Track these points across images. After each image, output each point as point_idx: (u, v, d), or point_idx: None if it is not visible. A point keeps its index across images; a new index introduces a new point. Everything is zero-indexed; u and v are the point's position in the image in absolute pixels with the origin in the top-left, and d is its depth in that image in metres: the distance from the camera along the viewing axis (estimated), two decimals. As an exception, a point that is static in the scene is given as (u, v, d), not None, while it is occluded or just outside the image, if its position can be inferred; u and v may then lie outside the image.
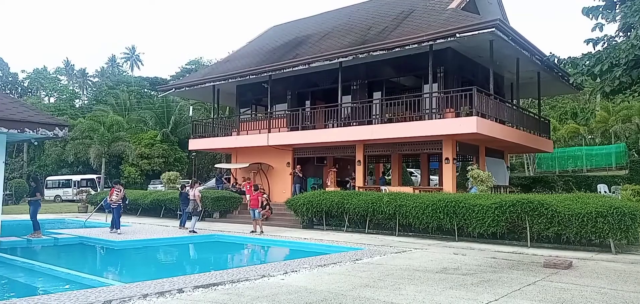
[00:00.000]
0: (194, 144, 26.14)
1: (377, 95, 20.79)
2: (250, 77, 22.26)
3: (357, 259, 10.15)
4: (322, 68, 20.22)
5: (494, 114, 18.07)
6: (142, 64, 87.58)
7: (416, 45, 17.12)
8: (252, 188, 17.60)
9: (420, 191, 18.00)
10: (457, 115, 17.00)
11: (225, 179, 26.31)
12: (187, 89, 26.08)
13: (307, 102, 23.36)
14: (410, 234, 15.11)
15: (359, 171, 20.10)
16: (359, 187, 19.53)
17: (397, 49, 17.62)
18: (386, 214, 15.14)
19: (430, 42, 16.86)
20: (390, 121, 18.74)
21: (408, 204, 14.68)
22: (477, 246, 12.82)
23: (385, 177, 27.04)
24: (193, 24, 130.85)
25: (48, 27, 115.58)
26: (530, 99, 33.21)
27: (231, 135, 24.29)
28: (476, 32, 15.91)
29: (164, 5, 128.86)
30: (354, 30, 21.84)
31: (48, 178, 45.56)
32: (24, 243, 13.50)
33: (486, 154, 20.59)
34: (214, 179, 28.43)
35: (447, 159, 17.96)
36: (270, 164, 23.31)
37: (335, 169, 21.30)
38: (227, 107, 34.62)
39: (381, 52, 17.98)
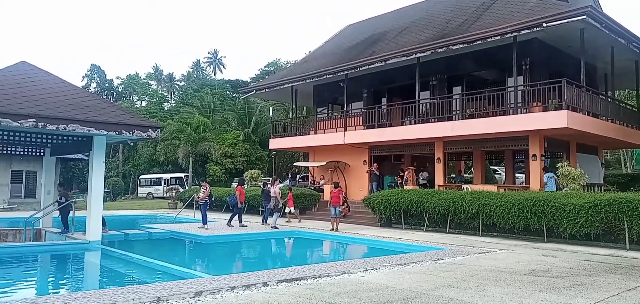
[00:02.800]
0: (274, 143, 26.87)
1: (457, 90, 20.17)
2: (327, 76, 22.50)
3: (438, 259, 9.94)
4: (399, 64, 19.97)
5: (586, 107, 16.86)
6: (224, 67, 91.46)
7: (499, 37, 16.41)
8: (333, 186, 17.79)
9: (505, 189, 17.24)
10: (545, 109, 16.07)
11: (301, 178, 26.82)
12: (267, 90, 26.88)
13: (384, 100, 23.20)
14: (494, 234, 14.53)
15: (439, 169, 19.62)
16: (439, 185, 19.07)
17: (478, 42, 16.99)
18: (468, 214, 14.68)
19: (515, 34, 16.08)
20: (471, 116, 18.11)
21: (492, 203, 14.13)
22: (569, 247, 12.06)
23: (463, 175, 26.16)
24: (271, 26, 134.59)
25: (139, 35, 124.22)
26: (627, 90, 30.55)
27: (309, 134, 24.71)
28: (565, 21, 14.93)
29: (244, 10, 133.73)
30: (432, 24, 21.34)
31: (141, 176, 49.03)
32: (122, 236, 14.64)
33: (578, 150, 19.28)
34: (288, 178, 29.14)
35: (534, 155, 17.04)
36: (347, 162, 23.43)
37: (413, 167, 20.94)
38: (305, 107, 35.26)
39: (461, 45, 17.43)
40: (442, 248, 11.73)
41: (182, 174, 43.82)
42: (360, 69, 20.88)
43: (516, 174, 24.83)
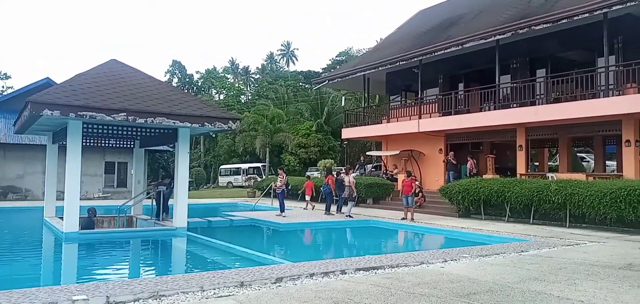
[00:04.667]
0: (347, 133, 26.90)
1: (540, 73, 19.06)
2: (400, 63, 22.13)
3: (522, 251, 9.50)
4: (477, 48, 19.20)
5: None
6: (296, 59, 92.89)
7: (587, 14, 15.26)
8: (405, 175, 17.57)
9: (594, 177, 16.10)
10: (641, 90, 14.78)
11: (374, 167, 26.64)
12: (339, 80, 26.94)
13: (460, 85, 22.42)
14: (583, 225, 13.63)
15: (521, 156, 18.69)
16: (521, 174, 18.18)
17: (564, 21, 15.92)
18: (554, 204, 13.87)
19: (605, 10, 14.89)
20: (557, 100, 17.05)
21: (581, 192, 13.24)
22: (671, 241, 11.04)
23: (535, 163, 24.71)
24: (342, 16, 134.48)
25: (216, 30, 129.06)
26: None
27: (381, 123, 24.48)
28: (666, -8, 13.60)
29: (316, 1, 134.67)
30: (512, 4, 20.28)
31: (221, 167, 51.18)
32: (206, 223, 15.38)
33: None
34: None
35: (628, 141, 15.75)
36: (422, 151, 22.96)
37: (493, 156, 20.09)
38: (377, 95, 34.97)
39: (545, 25, 16.43)
40: (526, 240, 11.20)
41: (259, 164, 45.19)
42: (436, 54, 20.31)
43: (607, 162, 23.12)
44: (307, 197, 20.74)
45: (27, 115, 11.54)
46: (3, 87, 49.62)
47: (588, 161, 29.60)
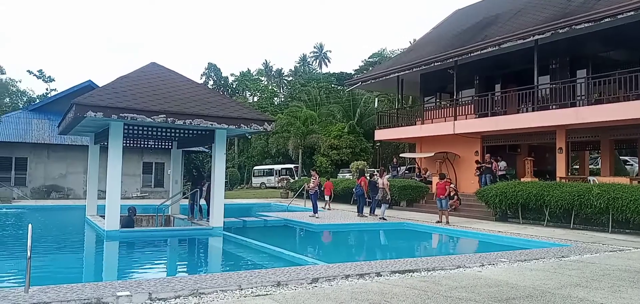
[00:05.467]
0: (380, 134, 26.75)
1: (581, 73, 18.47)
2: (435, 64, 21.86)
3: (563, 256, 9.25)
4: (515, 48, 18.78)
5: None
6: (329, 61, 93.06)
7: (632, 12, 14.69)
8: (439, 177, 17.35)
9: (638, 182, 15.50)
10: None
11: (407, 169, 26.41)
12: (372, 81, 26.83)
13: (497, 86, 21.96)
14: (627, 231, 13.15)
15: (561, 159, 18.17)
16: (560, 177, 17.68)
17: (607, 20, 15.39)
18: (596, 208, 13.42)
19: (652, 7, 14.31)
20: (599, 101, 16.50)
21: (625, 197, 12.78)
22: None
23: (575, 166, 23.94)
24: (375, 17, 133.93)
25: (250, 33, 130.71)
26: None
27: (415, 124, 24.24)
28: None
29: (348, 2, 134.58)
30: (551, 3, 19.74)
31: (254, 167, 51.79)
32: (241, 223, 15.61)
33: None
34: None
35: (676, 144, 15.09)
36: (457, 153, 22.62)
37: (532, 158, 19.61)
38: (410, 97, 34.65)
39: (587, 24, 15.91)
40: (567, 245, 10.90)
41: (291, 165, 45.50)
42: (472, 54, 19.97)
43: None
44: (327, 197, 21.22)
45: (71, 116, 12.01)
46: (47, 89, 51.56)
47: (632, 165, 28.53)
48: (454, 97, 22.02)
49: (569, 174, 18.54)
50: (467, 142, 21.81)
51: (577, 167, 24.12)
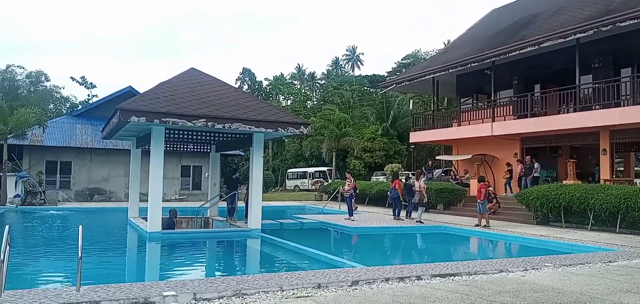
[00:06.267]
0: (415, 136, 26.51)
1: (625, 72, 17.85)
2: (472, 65, 21.52)
3: (610, 261, 8.95)
4: (555, 47, 18.30)
5: None
6: (362, 63, 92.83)
7: (682, 7, 14.12)
8: (477, 179, 17.05)
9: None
10: None
11: (444, 171, 26.06)
12: (407, 83, 26.62)
13: (537, 87, 21.44)
14: (678, 236, 12.60)
15: (605, 161, 17.58)
16: (605, 180, 17.10)
17: (654, 16, 14.81)
18: (644, 212, 12.91)
19: None
20: (645, 101, 15.89)
21: (676, 199, 12.25)
22: None
23: (619, 168, 23.04)
24: (408, 18, 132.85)
25: (283, 36, 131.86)
26: None
27: (451, 126, 23.92)
28: None
29: (381, 4, 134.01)
30: (592, 1, 19.14)
31: (288, 170, 52.15)
32: (277, 225, 15.76)
33: None
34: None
35: None
36: (495, 155, 22.17)
37: (574, 161, 19.04)
38: (446, 98, 34.22)
39: (632, 21, 15.35)
40: (613, 249, 10.53)
41: (325, 168, 45.59)
42: (510, 54, 19.57)
43: None
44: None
45: (115, 121, 12.43)
46: (89, 95, 53.38)
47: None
48: (492, 98, 21.62)
49: (614, 176, 17.90)
50: (506, 143, 21.35)
51: (622, 169, 23.24)
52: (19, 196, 23.96)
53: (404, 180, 18.86)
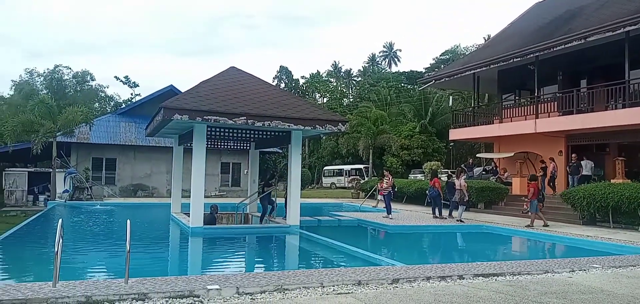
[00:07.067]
0: (455, 134, 26.07)
1: (679, 66, 16.98)
2: (514, 60, 20.95)
3: (664, 264, 8.56)
4: (602, 41, 17.59)
5: None
6: (399, 60, 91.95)
7: None
8: (529, 178, 16.39)
9: None
10: None
11: (484, 170, 25.47)
12: (446, 79, 26.20)
13: (583, 82, 20.68)
14: None
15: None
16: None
17: None
18: (700, 213, 12.27)
19: None
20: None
21: None
22: None
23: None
24: (447, 13, 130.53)
25: (319, 34, 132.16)
26: None
27: (493, 123, 23.38)
28: None
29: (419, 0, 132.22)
30: (641, -7, 18.29)
31: (325, 168, 52.30)
32: (315, 222, 15.84)
33: None
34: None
35: None
36: (538, 153, 21.53)
37: (623, 158, 18.25)
38: (486, 95, 33.46)
39: (687, 13, 14.59)
40: (667, 252, 10.06)
41: (361, 166, 45.44)
42: (555, 49, 18.93)
43: None
44: (380, 197, 20.95)
45: (159, 119, 12.79)
46: (132, 94, 55.09)
47: None
48: (536, 94, 21.00)
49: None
50: (550, 141, 20.71)
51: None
52: (67, 192, 25.02)
53: (445, 178, 18.58)
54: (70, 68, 39.86)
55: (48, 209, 21.06)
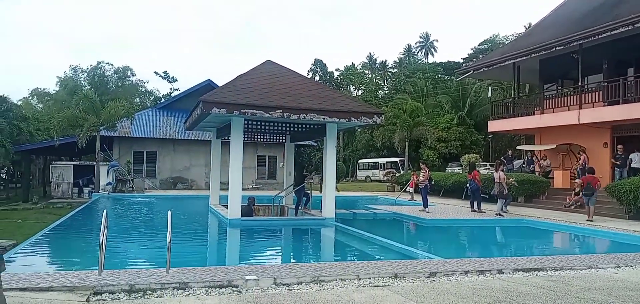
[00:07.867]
0: (494, 125, 25.46)
1: None
2: (556, 49, 20.23)
3: None
4: (651, 27, 16.78)
5: None
6: (435, 50, 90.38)
7: None
8: (587, 171, 15.74)
9: None
10: None
11: (525, 163, 24.80)
12: (485, 69, 25.58)
13: (630, 71, 19.78)
14: None
15: None
16: None
17: None
18: None
19: None
20: None
21: None
22: None
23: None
24: (486, 2, 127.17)
25: (354, 26, 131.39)
26: None
27: (534, 114, 22.70)
28: None
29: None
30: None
31: (359, 161, 52.14)
32: (350, 215, 15.83)
33: None
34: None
35: None
36: (582, 144, 20.78)
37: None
38: (527, 85, 32.49)
39: None
40: None
41: (397, 159, 45.03)
42: (600, 36, 18.18)
43: None
44: (411, 189, 21.71)
45: (198, 113, 13.06)
46: (171, 89, 56.30)
47: None
48: (579, 83, 20.24)
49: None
50: (594, 132, 19.95)
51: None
52: (110, 184, 25.91)
53: (485, 171, 18.18)
54: (111, 64, 41.01)
55: (92, 201, 21.88)
